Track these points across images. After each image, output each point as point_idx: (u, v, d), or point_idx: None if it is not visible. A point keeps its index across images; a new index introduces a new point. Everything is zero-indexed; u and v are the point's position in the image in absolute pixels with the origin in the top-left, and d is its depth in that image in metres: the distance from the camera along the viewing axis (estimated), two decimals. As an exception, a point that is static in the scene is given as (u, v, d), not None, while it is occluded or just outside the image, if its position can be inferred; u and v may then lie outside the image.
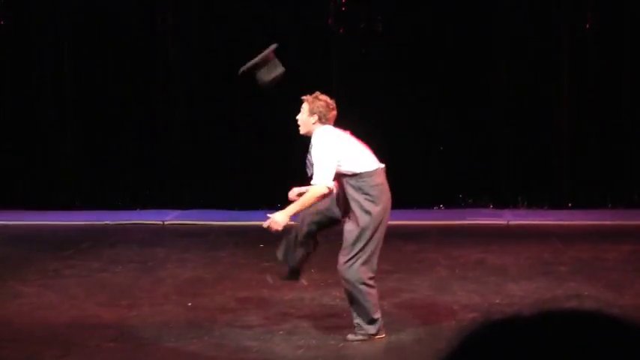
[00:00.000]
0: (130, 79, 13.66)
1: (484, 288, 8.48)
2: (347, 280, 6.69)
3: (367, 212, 6.63)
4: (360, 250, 6.63)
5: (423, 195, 13.35)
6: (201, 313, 7.68)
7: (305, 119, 6.76)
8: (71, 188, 13.80)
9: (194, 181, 13.65)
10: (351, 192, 6.64)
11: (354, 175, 6.65)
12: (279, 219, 6.52)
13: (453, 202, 13.43)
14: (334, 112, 6.80)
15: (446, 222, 12.31)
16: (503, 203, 13.32)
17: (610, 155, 13.23)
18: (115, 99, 13.64)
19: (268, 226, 6.57)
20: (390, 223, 12.76)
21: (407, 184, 13.39)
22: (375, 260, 6.70)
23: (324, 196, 6.55)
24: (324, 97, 6.80)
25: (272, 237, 7.13)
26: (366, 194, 6.65)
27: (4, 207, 13.61)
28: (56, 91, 13.74)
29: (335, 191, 6.64)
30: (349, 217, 6.69)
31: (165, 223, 12.59)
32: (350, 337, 6.78)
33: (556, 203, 13.28)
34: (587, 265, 9.46)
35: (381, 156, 12.94)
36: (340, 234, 6.91)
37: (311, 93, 6.89)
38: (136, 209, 13.42)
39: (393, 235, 11.28)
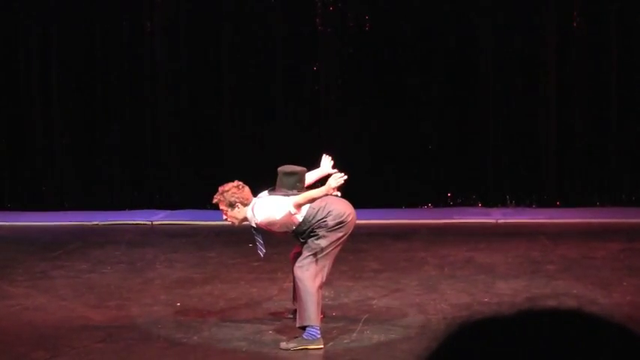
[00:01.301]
0: (119, 78, 13.63)
1: (473, 287, 8.49)
2: (300, 279, 6.75)
3: (323, 236, 6.80)
4: (317, 260, 6.76)
5: (411, 194, 13.37)
6: (191, 313, 7.67)
7: (233, 214, 6.89)
8: (59, 189, 13.76)
9: (182, 181, 13.62)
10: (317, 233, 6.80)
11: (303, 220, 6.79)
12: (328, 186, 6.75)
13: (441, 201, 13.45)
14: (246, 188, 6.93)
15: (434, 221, 12.32)
16: (491, 202, 13.35)
17: (598, 154, 13.27)
18: (103, 99, 13.61)
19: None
20: (379, 222, 12.82)
21: (396, 183, 13.43)
22: (326, 271, 6.84)
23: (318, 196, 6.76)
24: (227, 185, 6.94)
25: (261, 237, 7.11)
26: (327, 216, 6.81)
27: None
28: (43, 91, 13.70)
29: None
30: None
31: (154, 223, 12.57)
32: (283, 345, 6.75)
33: (544, 202, 13.31)
34: (575, 263, 9.48)
35: (371, 155, 13.05)
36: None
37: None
38: (124, 209, 13.40)
39: (382, 234, 11.32)
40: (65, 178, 13.75)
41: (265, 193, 6.95)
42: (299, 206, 6.70)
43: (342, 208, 6.92)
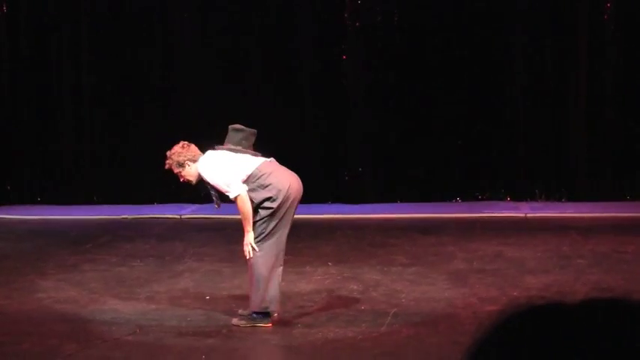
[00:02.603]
0: (147, 74, 13.69)
1: (502, 281, 8.46)
2: (250, 261, 6.90)
3: (268, 208, 6.89)
4: (265, 238, 6.87)
5: (440, 188, 13.34)
6: (220, 307, 7.70)
7: (186, 173, 7.08)
8: (89, 183, 13.85)
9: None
10: (253, 195, 6.89)
11: (248, 177, 6.91)
12: (247, 241, 6.91)
13: (470, 195, 13.41)
14: (192, 146, 7.15)
15: (463, 215, 12.28)
16: (520, 196, 13.28)
17: (628, 147, 13.16)
18: (133, 94, 13.68)
19: (249, 252, 6.91)
20: (408, 216, 12.77)
21: (425, 178, 13.39)
22: (281, 250, 6.94)
23: (248, 200, 6.88)
24: (173, 148, 7.16)
25: (289, 231, 7.14)
26: (266, 186, 6.89)
27: (22, 202, 13.69)
28: (74, 87, 13.79)
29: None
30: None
31: (183, 217, 12.62)
32: (234, 320, 7.00)
33: (574, 196, 13.22)
34: (606, 257, 9.41)
35: (399, 149, 13.01)
36: (358, 229, 6.93)
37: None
38: (153, 203, 13.46)
39: (411, 228, 11.30)
40: (95, 173, 13.82)
41: (210, 151, 7.08)
42: (238, 198, 6.81)
43: (284, 181, 6.95)
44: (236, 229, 11.48)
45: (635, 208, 12.42)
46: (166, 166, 7.15)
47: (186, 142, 7.17)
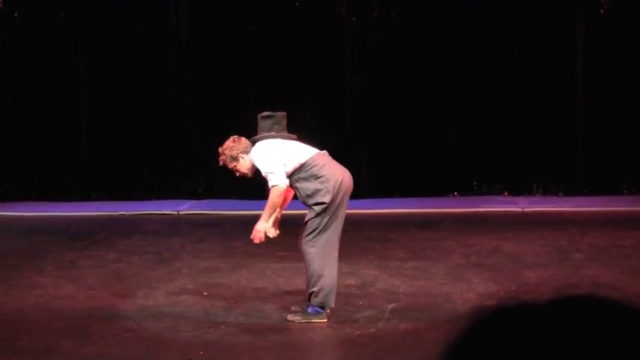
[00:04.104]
0: (143, 69, 13.67)
1: (500, 275, 8.46)
2: (305, 252, 6.91)
3: (323, 198, 6.87)
4: (319, 234, 6.87)
5: (438, 183, 13.34)
6: (218, 303, 7.70)
7: (241, 166, 7.11)
8: (86, 179, 13.84)
9: (208, 171, 13.66)
10: (304, 185, 6.90)
11: (301, 166, 6.91)
12: (260, 227, 6.97)
13: (468, 189, 13.41)
14: (242, 139, 7.14)
15: (461, 210, 12.29)
16: (518, 190, 13.29)
17: (625, 141, 13.17)
18: (129, 89, 13.66)
19: (253, 238, 6.99)
20: (406, 211, 12.80)
21: (422, 172, 13.40)
22: (334, 245, 6.92)
23: (283, 193, 6.94)
24: (224, 144, 7.18)
25: (287, 226, 7.15)
26: (318, 177, 6.89)
27: (20, 199, 13.68)
28: (70, 82, 13.77)
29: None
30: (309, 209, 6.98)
31: (180, 213, 12.62)
32: (289, 316, 7.02)
33: (571, 190, 13.23)
34: (603, 251, 9.42)
35: (397, 144, 13.13)
36: (355, 224, 6.94)
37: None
38: (150, 200, 13.46)
39: (409, 223, 11.30)
40: (92, 169, 13.81)
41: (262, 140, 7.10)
42: (275, 188, 6.84)
43: (336, 174, 6.95)
44: (234, 226, 11.52)
45: (633, 202, 12.43)
46: (220, 163, 7.17)
47: (236, 136, 7.18)
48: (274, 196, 6.89)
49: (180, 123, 13.73)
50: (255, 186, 13.40)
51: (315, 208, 6.88)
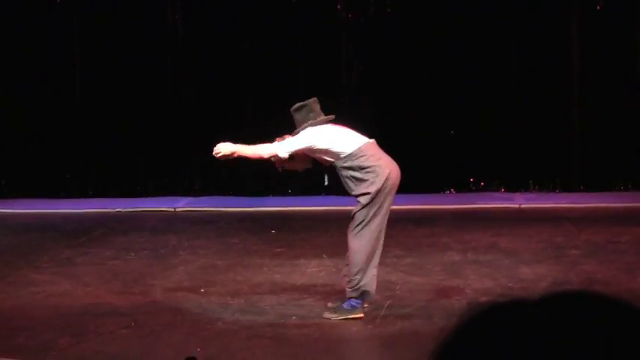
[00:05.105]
0: (140, 66, 13.67)
1: (496, 272, 8.47)
2: (351, 245, 6.90)
3: (368, 190, 6.83)
4: (365, 226, 6.85)
5: (434, 179, 13.35)
6: (214, 299, 7.70)
7: (295, 162, 7.00)
8: (83, 176, 13.84)
9: (205, 168, 13.66)
10: (350, 174, 6.87)
11: (348, 155, 6.87)
12: (222, 147, 6.83)
13: (464, 186, 13.42)
14: (285, 137, 7.07)
15: (457, 206, 12.30)
16: (514, 187, 13.30)
17: (621, 137, 13.18)
18: (125, 87, 13.66)
19: (216, 153, 6.86)
20: (402, 207, 12.80)
21: (418, 168, 13.40)
22: (379, 238, 6.88)
23: (265, 158, 6.91)
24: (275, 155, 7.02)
25: (283, 223, 7.14)
26: (364, 168, 6.85)
27: (16, 196, 13.67)
28: (67, 79, 13.76)
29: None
30: (356, 201, 6.93)
31: (177, 210, 12.62)
32: (326, 314, 7.01)
33: (568, 186, 13.25)
34: (600, 248, 9.43)
35: (392, 139, 13.03)
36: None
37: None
38: (147, 197, 13.45)
39: (405, 220, 11.30)
40: (89, 166, 13.81)
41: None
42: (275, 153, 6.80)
43: (384, 166, 6.93)
44: (230, 223, 11.53)
45: (629, 199, 12.45)
46: (279, 169, 7.12)
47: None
48: (265, 151, 6.84)
49: (177, 120, 13.72)
50: (251, 183, 13.45)
51: (361, 200, 6.83)
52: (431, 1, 13.28)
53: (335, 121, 7.23)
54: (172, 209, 12.63)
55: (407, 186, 13.37)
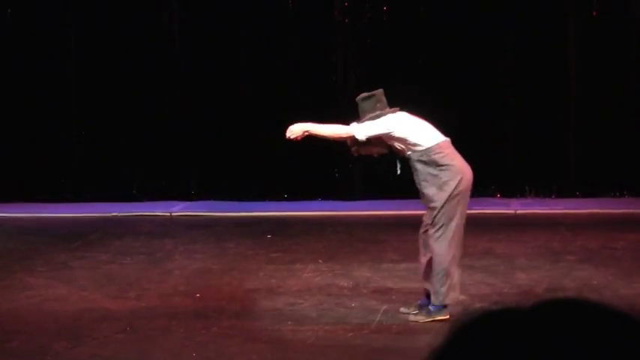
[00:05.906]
0: (136, 69, 13.66)
1: (492, 277, 8.47)
2: (432, 249, 6.89)
3: (442, 190, 6.86)
4: (442, 226, 6.86)
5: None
6: (210, 304, 7.69)
7: (371, 147, 7.02)
8: (79, 180, 13.82)
9: (201, 172, 13.65)
10: (424, 169, 6.89)
11: (426, 149, 6.87)
12: (295, 128, 6.95)
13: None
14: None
15: (453, 211, 12.27)
16: (510, 192, 13.30)
17: (619, 143, 13.19)
18: (121, 90, 13.64)
19: (288, 136, 6.98)
20: (398, 213, 12.78)
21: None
22: (459, 241, 6.96)
23: (342, 138, 6.94)
24: (351, 149, 7.11)
25: (279, 228, 7.13)
26: (439, 166, 6.87)
27: (12, 199, 13.64)
28: (61, 83, 13.75)
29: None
30: (428, 198, 6.94)
31: (173, 214, 12.60)
32: (412, 317, 7.01)
33: (564, 192, 13.25)
34: (595, 253, 9.44)
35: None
36: (348, 226, 6.94)
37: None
38: (143, 201, 13.44)
39: (401, 225, 11.30)
40: (84, 170, 13.79)
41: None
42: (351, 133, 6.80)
43: (458, 167, 6.94)
44: (226, 227, 11.52)
45: (625, 205, 12.46)
46: (355, 154, 7.15)
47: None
48: (343, 131, 6.86)
49: (173, 123, 13.71)
50: (248, 187, 13.44)
51: (436, 202, 6.80)
52: (427, 5, 13.29)
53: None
54: (168, 213, 12.62)
55: (403, 191, 13.44)
